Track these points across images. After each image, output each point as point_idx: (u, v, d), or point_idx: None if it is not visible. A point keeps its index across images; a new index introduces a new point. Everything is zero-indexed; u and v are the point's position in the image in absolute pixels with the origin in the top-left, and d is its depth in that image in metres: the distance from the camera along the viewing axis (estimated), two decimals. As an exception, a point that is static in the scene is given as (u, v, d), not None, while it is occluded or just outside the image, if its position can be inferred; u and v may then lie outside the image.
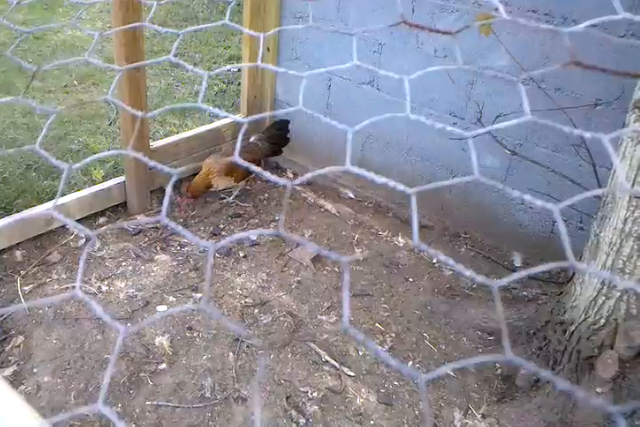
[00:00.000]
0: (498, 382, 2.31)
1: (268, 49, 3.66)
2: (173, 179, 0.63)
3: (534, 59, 2.63)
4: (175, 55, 0.86)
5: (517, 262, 2.95)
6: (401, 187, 0.59)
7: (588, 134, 0.57)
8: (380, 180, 0.57)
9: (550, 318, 2.23)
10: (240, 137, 0.69)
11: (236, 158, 0.68)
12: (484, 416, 2.17)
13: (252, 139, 3.53)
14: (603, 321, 1.93)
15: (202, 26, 0.91)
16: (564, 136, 2.66)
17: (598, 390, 1.95)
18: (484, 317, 2.57)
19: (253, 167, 0.66)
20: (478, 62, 2.81)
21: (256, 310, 2.62)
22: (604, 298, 1.92)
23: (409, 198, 0.58)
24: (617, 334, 1.87)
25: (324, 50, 3.43)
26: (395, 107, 3.22)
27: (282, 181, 0.62)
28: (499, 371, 2.34)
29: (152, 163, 0.62)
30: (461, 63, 0.74)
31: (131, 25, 2.02)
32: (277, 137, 3.55)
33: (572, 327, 2.03)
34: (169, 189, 0.62)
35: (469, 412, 2.20)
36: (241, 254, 2.98)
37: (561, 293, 2.23)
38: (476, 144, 2.97)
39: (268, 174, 0.63)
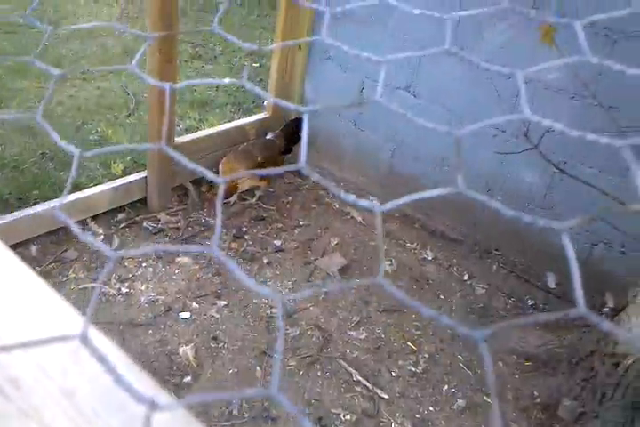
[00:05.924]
0: (537, 412, 2.21)
1: (300, 47, 3.54)
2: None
3: (589, 74, 2.52)
4: (195, 48, 0.73)
5: (552, 283, 2.85)
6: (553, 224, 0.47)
7: None
8: None
9: (597, 347, 2.13)
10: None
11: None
12: (523, 448, 2.07)
13: (268, 136, 3.47)
14: (665, 359, 1.83)
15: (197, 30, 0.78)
16: (612, 157, 2.55)
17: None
18: (521, 341, 2.47)
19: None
20: (528, 74, 2.69)
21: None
22: (666, 334, 1.82)
23: (561, 237, 0.45)
24: (681, 374, 1.78)
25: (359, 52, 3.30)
26: (431, 115, 3.10)
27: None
28: (538, 400, 2.24)
29: (180, 158, 0.50)
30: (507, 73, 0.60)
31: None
32: (291, 135, 3.48)
33: (627, 362, 1.93)
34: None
35: (508, 443, 2.10)
36: (265, 261, 2.86)
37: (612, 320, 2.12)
38: (518, 159, 2.86)
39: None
